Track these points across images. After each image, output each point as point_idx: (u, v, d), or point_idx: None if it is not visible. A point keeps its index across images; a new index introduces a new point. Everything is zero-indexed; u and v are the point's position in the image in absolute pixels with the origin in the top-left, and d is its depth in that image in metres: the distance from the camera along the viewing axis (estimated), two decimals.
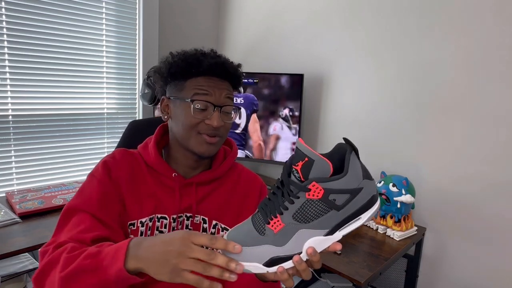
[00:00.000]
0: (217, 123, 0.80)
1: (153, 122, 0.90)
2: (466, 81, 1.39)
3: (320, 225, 0.56)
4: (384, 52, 1.60)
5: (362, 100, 1.70)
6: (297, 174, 0.56)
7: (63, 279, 0.61)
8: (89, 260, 0.61)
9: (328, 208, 0.55)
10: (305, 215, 0.55)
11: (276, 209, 0.57)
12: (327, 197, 0.55)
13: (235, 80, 0.87)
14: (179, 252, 0.54)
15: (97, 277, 0.60)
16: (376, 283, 1.70)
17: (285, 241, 0.56)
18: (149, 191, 0.84)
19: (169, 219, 0.83)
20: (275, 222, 0.56)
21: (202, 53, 0.85)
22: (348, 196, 0.55)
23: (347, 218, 0.57)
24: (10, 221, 1.27)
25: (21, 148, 1.62)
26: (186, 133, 0.82)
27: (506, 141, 1.31)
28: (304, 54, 1.90)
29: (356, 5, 1.68)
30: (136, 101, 1.98)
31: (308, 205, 0.55)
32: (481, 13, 1.33)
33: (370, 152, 1.69)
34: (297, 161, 0.56)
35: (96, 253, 0.62)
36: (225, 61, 0.85)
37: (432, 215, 1.51)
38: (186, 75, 0.83)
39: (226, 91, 0.84)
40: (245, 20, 2.18)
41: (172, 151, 0.88)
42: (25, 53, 1.57)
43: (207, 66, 0.81)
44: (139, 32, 1.91)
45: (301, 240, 0.56)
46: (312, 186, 0.54)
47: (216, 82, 0.82)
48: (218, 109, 0.81)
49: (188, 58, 0.83)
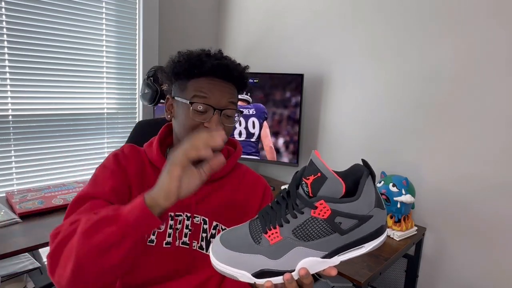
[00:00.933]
0: (216, 126, 0.78)
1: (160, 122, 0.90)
2: (466, 81, 1.39)
3: (320, 246, 0.53)
4: (384, 52, 1.60)
5: (362, 100, 1.70)
6: (306, 188, 0.53)
7: (84, 234, 0.61)
8: (108, 212, 0.62)
9: (331, 230, 0.53)
10: (306, 232, 0.53)
11: (277, 220, 0.54)
12: (333, 219, 0.52)
13: (240, 82, 0.86)
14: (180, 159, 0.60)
15: (116, 225, 0.60)
16: (376, 283, 1.70)
17: (279, 255, 0.54)
18: (152, 187, 0.84)
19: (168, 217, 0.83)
20: (273, 233, 0.54)
21: (207, 54, 0.84)
22: (356, 222, 0.53)
23: (350, 245, 0.54)
24: (10, 221, 1.27)
25: (21, 148, 1.62)
26: (186, 134, 0.82)
27: (506, 141, 1.31)
28: (304, 54, 1.90)
29: (356, 5, 1.68)
30: (136, 101, 1.98)
31: (311, 223, 0.53)
32: (482, 14, 1.33)
33: (370, 152, 1.69)
34: (308, 174, 0.53)
35: (117, 207, 0.63)
36: (230, 63, 0.83)
37: (432, 215, 1.51)
38: (188, 76, 0.82)
39: (229, 94, 0.82)
40: (245, 20, 2.18)
41: (175, 149, 0.88)
42: (25, 53, 1.57)
43: (209, 68, 0.80)
44: (139, 32, 1.91)
45: (296, 257, 0.53)
46: (320, 205, 0.52)
47: (218, 84, 0.81)
48: (218, 112, 0.80)
49: (192, 59, 0.82)
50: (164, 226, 0.83)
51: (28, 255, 1.39)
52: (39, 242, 1.16)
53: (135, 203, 0.61)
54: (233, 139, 0.98)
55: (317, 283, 1.72)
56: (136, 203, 0.61)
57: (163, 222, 0.62)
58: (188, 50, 0.86)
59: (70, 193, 1.53)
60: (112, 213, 0.62)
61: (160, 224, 0.61)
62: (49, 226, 1.28)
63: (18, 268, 1.31)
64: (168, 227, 0.83)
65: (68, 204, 0.75)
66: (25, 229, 1.25)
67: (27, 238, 1.18)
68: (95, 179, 0.81)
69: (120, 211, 0.62)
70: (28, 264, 1.34)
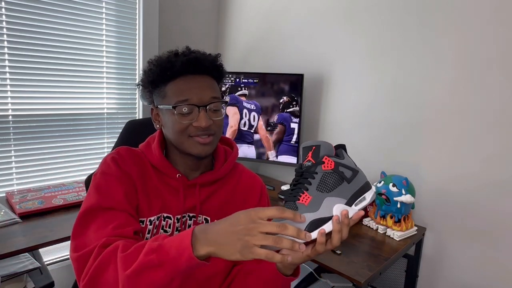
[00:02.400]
0: (205, 123, 0.78)
1: (150, 122, 0.91)
2: (465, 81, 1.39)
3: (339, 194, 0.65)
4: (384, 52, 1.60)
5: (362, 100, 1.70)
6: (309, 162, 0.67)
7: (129, 277, 0.60)
8: (153, 255, 0.60)
9: (340, 179, 0.65)
10: (326, 185, 0.64)
11: (302, 188, 0.65)
12: (338, 168, 0.65)
13: (215, 72, 0.84)
14: (248, 229, 0.56)
15: (164, 270, 0.59)
16: (376, 283, 1.70)
17: (316, 208, 0.63)
18: (156, 190, 0.84)
19: (173, 219, 0.83)
20: (304, 197, 0.64)
21: (176, 53, 0.83)
22: (351, 173, 0.66)
23: (356, 193, 0.66)
24: (10, 221, 1.27)
25: (21, 148, 1.62)
26: (178, 139, 0.81)
27: (506, 140, 1.31)
28: (304, 54, 1.90)
29: (356, 5, 1.68)
30: (136, 101, 1.98)
31: (326, 176, 0.65)
32: (480, 15, 1.33)
33: (370, 152, 1.69)
34: (306, 154, 0.67)
35: (158, 247, 0.61)
36: (199, 55, 0.82)
37: (432, 215, 1.51)
38: (164, 80, 0.81)
39: (209, 88, 0.81)
40: (245, 20, 2.18)
41: (171, 154, 0.88)
42: (25, 53, 1.57)
43: (180, 66, 0.79)
44: (139, 32, 1.91)
45: (329, 205, 0.63)
46: (325, 159, 0.66)
47: (195, 81, 0.80)
48: (204, 109, 0.79)
49: (162, 63, 0.81)
50: (171, 230, 0.83)
51: (28, 255, 1.39)
52: (39, 242, 1.16)
53: (181, 245, 0.59)
54: (230, 139, 0.98)
55: (317, 283, 1.72)
56: (183, 245, 0.59)
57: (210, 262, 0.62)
58: (156, 56, 0.85)
59: (70, 193, 1.53)
60: (153, 257, 0.60)
61: (205, 266, 0.62)
62: (49, 226, 1.28)
63: (18, 268, 1.31)
64: (175, 230, 0.83)
65: (68, 204, 0.74)
66: (25, 229, 1.25)
67: (27, 238, 1.18)
68: (99, 188, 0.77)
69: (164, 254, 0.60)
70: (28, 264, 1.34)
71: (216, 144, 0.85)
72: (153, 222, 0.82)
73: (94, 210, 0.74)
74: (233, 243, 0.57)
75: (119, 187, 0.78)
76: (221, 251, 0.58)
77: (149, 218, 0.81)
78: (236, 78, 1.90)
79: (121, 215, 0.74)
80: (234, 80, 1.90)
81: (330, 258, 1.21)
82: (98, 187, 0.78)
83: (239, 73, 1.90)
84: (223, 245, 0.58)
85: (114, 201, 0.75)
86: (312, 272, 1.74)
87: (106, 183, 0.78)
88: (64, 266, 1.74)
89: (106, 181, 0.78)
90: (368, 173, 1.66)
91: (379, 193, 1.43)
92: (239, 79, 1.89)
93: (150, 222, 0.81)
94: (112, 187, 0.78)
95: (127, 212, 0.76)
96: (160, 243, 0.62)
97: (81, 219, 0.74)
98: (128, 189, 0.79)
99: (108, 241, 0.67)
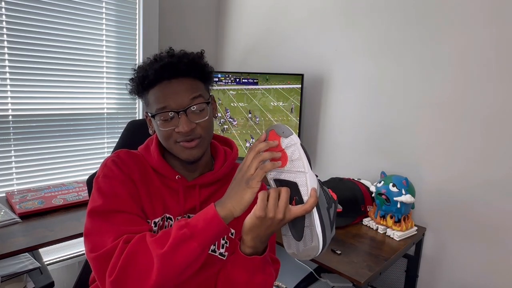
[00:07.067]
0: (187, 127, 0.77)
1: None
2: (465, 81, 1.39)
3: None
4: (384, 52, 1.60)
5: (362, 99, 1.70)
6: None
7: (166, 254, 0.64)
8: (184, 230, 0.65)
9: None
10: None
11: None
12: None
13: (195, 72, 0.81)
14: (242, 172, 0.68)
15: (197, 241, 0.65)
16: (376, 283, 1.70)
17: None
18: (157, 192, 0.84)
19: (174, 220, 0.83)
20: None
21: (155, 59, 0.81)
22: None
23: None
24: (10, 221, 1.27)
25: (21, 148, 1.62)
26: (167, 145, 0.82)
27: (507, 140, 1.31)
28: (304, 54, 1.90)
29: (356, 5, 1.68)
30: (136, 101, 1.98)
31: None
32: (478, 16, 1.33)
33: (370, 152, 1.69)
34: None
35: (186, 223, 0.67)
36: (175, 60, 0.79)
37: (432, 215, 1.51)
38: (144, 89, 0.81)
39: (187, 91, 0.78)
40: (245, 20, 2.18)
41: (169, 156, 0.88)
42: (25, 53, 1.57)
43: (154, 75, 0.78)
44: (139, 32, 1.91)
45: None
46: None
47: (171, 86, 0.78)
48: (183, 113, 0.77)
49: (140, 72, 0.81)
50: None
51: (28, 255, 1.38)
52: (39, 242, 1.16)
53: (207, 216, 0.66)
54: (229, 139, 0.98)
55: (317, 283, 1.72)
56: (209, 216, 0.66)
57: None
58: (141, 63, 0.84)
59: (70, 193, 1.53)
60: (185, 230, 0.65)
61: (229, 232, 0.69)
62: (49, 226, 1.28)
63: (18, 268, 1.31)
64: None
65: (68, 204, 0.74)
66: (25, 229, 1.25)
67: (27, 238, 1.18)
68: (103, 191, 0.77)
69: (193, 227, 0.66)
70: (28, 264, 1.34)
71: (205, 146, 0.84)
72: (158, 223, 0.82)
73: (102, 212, 0.74)
74: (239, 186, 0.67)
75: (124, 190, 0.78)
76: (236, 202, 0.67)
77: (153, 220, 0.82)
78: (236, 78, 1.90)
79: (132, 217, 0.75)
80: (234, 80, 1.90)
81: (330, 258, 1.21)
82: (99, 190, 0.78)
83: (239, 73, 1.90)
84: (234, 195, 0.67)
85: (122, 204, 0.76)
86: (312, 272, 1.74)
87: (109, 186, 0.78)
88: (64, 266, 1.74)
89: (108, 184, 0.78)
90: (368, 173, 1.67)
91: (379, 193, 1.43)
92: (239, 79, 1.90)
93: (155, 224, 0.82)
94: (117, 189, 0.78)
95: (136, 214, 0.77)
96: (186, 221, 0.67)
97: (90, 221, 0.74)
98: (132, 191, 0.79)
99: (129, 238, 0.69)
